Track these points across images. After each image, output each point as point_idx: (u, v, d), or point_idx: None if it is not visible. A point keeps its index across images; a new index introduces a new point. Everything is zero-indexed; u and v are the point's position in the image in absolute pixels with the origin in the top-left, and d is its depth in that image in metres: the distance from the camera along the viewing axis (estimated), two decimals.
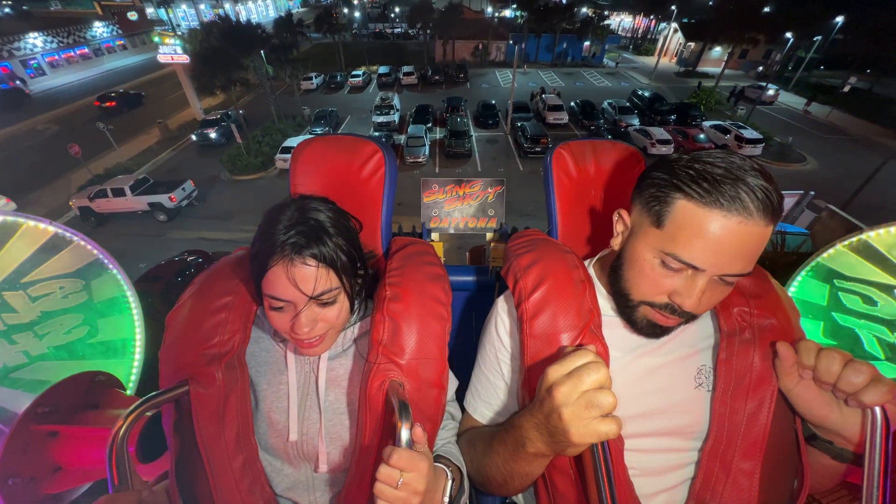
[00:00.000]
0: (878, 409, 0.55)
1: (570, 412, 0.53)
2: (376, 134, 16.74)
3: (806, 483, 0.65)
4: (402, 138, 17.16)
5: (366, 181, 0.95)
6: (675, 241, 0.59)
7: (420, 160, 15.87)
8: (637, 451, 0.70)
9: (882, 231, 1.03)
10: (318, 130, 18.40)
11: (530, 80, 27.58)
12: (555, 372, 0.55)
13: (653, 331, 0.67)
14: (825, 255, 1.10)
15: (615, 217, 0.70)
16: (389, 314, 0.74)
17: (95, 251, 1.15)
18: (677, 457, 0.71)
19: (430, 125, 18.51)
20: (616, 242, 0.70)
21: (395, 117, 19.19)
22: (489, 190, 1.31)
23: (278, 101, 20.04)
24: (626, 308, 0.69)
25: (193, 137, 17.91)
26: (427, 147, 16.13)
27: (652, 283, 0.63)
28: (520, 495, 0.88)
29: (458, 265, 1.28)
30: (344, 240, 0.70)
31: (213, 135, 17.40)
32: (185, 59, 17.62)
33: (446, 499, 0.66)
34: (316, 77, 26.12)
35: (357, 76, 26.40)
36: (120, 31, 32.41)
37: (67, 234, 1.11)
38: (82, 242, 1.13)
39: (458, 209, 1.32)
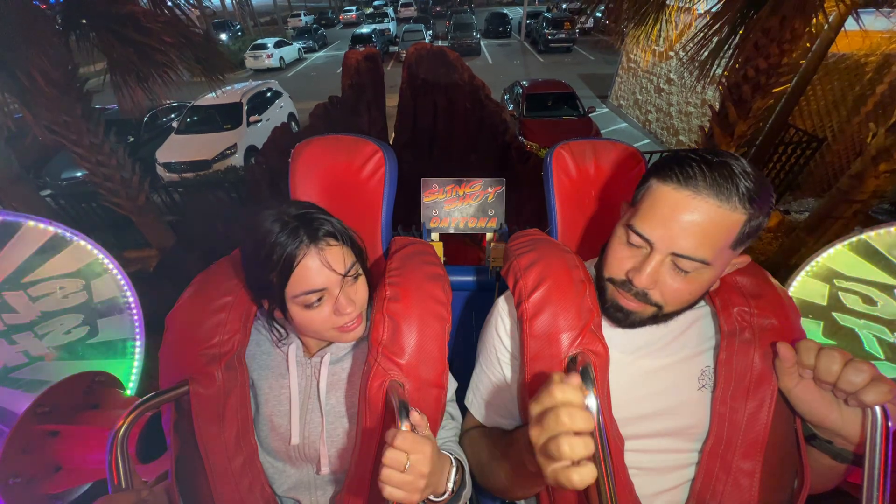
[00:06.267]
0: (878, 409, 0.55)
1: (540, 456, 0.50)
2: (366, 31, 14.83)
3: (806, 483, 0.65)
4: (396, 49, 15.46)
5: (366, 181, 0.95)
6: (638, 214, 0.63)
7: None
8: (638, 451, 0.70)
9: (882, 231, 1.03)
10: (301, 43, 17.24)
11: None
12: (533, 407, 0.52)
13: (617, 315, 0.68)
14: (825, 254, 1.10)
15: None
16: (389, 314, 0.74)
17: (95, 251, 1.15)
18: (678, 457, 0.71)
19: (430, 32, 16.83)
20: None
21: (391, 26, 17.28)
22: (489, 190, 1.31)
23: (263, 34, 18.68)
24: (599, 289, 0.71)
25: None
26: (427, 40, 14.53)
27: (616, 257, 0.66)
28: None
29: (458, 265, 1.28)
30: (336, 219, 0.74)
31: None
32: None
33: (450, 485, 0.66)
34: (305, 15, 24.24)
35: (350, 10, 24.57)
36: None
37: (67, 235, 1.11)
38: (82, 242, 1.13)
39: (458, 209, 1.33)
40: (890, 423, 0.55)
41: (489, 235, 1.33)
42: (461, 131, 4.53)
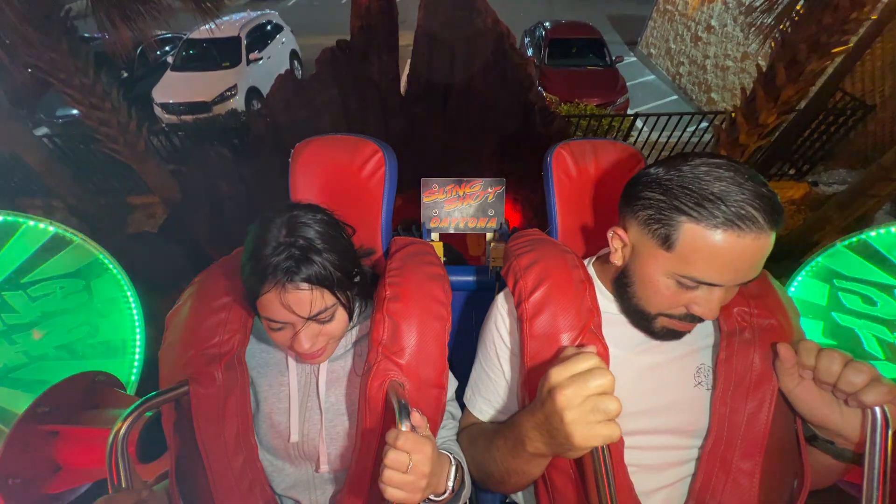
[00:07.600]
0: (878, 409, 0.55)
1: (573, 415, 0.52)
2: None
3: (806, 483, 0.66)
4: None
5: (366, 181, 0.95)
6: (691, 264, 0.58)
7: None
8: (636, 448, 0.70)
9: (882, 231, 1.03)
10: None
11: None
12: (557, 374, 0.55)
13: (671, 336, 0.69)
14: (825, 255, 1.10)
15: (610, 234, 0.70)
16: (389, 314, 0.74)
17: (95, 251, 1.15)
18: (676, 454, 0.71)
19: None
20: (617, 258, 0.70)
21: None
22: (489, 190, 1.31)
23: None
24: (643, 320, 0.69)
25: None
26: None
27: (670, 301, 0.64)
28: (519, 494, 0.89)
29: (458, 265, 1.28)
30: (336, 254, 0.67)
31: None
32: None
33: (451, 483, 0.66)
34: None
35: None
36: None
37: (68, 234, 1.11)
38: (83, 242, 1.13)
39: (458, 209, 1.33)
40: (890, 424, 0.55)
41: (489, 235, 1.33)
42: (479, 85, 3.98)
